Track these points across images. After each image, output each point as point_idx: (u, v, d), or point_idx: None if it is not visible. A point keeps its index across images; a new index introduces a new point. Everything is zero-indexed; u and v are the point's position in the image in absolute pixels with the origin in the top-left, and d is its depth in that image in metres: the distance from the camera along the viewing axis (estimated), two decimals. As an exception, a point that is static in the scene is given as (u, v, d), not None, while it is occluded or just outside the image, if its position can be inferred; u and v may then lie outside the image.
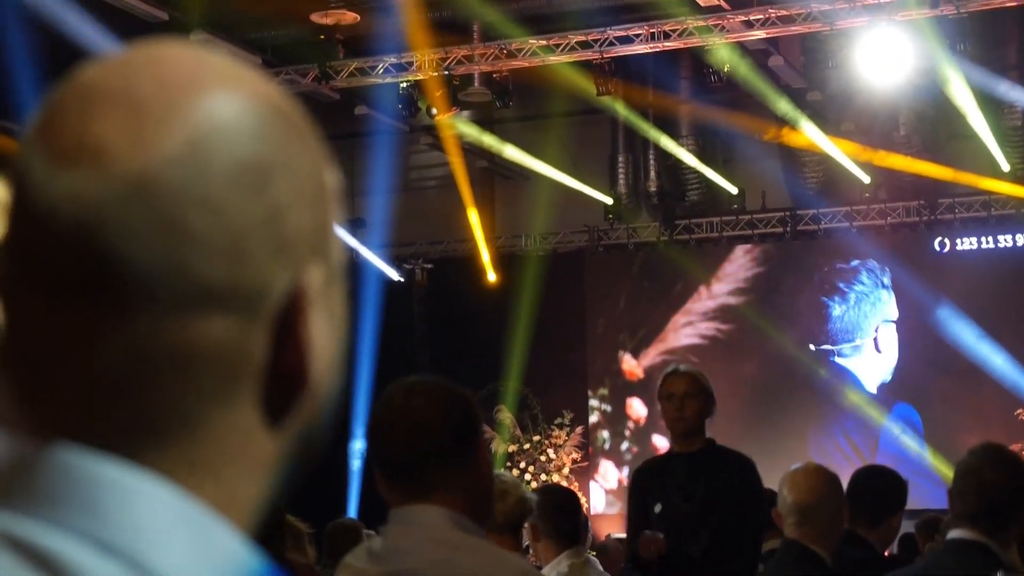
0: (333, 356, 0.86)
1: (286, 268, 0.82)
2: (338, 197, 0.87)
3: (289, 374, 0.83)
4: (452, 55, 15.06)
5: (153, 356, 0.79)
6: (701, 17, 14.13)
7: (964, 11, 13.52)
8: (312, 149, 0.86)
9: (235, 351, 0.80)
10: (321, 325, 0.84)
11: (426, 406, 2.67)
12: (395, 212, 17.91)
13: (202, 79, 0.82)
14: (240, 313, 0.80)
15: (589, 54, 14.76)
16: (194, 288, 0.79)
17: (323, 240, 0.85)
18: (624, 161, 18.54)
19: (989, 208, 17.08)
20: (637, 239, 18.78)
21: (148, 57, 0.83)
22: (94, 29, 12.84)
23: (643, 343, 18.38)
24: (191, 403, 0.80)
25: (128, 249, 0.78)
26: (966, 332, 16.53)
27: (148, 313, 0.78)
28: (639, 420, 18.35)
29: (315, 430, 0.87)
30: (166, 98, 0.80)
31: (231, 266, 0.79)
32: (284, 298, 0.82)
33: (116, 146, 0.79)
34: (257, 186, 0.81)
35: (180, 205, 0.79)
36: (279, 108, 0.84)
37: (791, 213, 18.02)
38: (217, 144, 0.80)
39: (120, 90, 0.81)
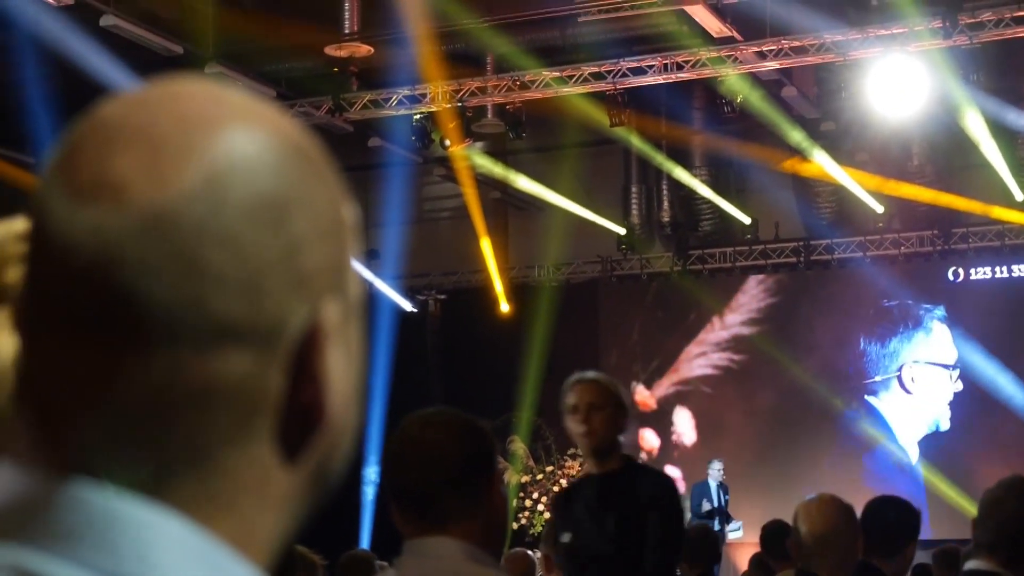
0: (351, 391, 0.86)
1: (304, 303, 0.82)
2: (356, 232, 0.88)
3: (306, 409, 0.83)
4: (465, 87, 15.11)
5: (171, 392, 0.79)
6: (714, 48, 14.16)
7: (977, 41, 13.54)
8: (330, 184, 0.86)
9: (252, 386, 0.80)
10: (338, 360, 0.84)
11: (442, 437, 2.67)
12: (408, 243, 17.94)
13: (220, 115, 0.82)
14: (258, 348, 0.80)
15: (602, 85, 14.80)
16: (212, 324, 0.79)
17: (341, 275, 0.85)
18: (637, 192, 18.57)
19: (1003, 237, 17.07)
20: (650, 269, 18.79)
21: (166, 93, 0.83)
22: (109, 63, 12.91)
23: (656, 374, 18.36)
24: (208, 438, 0.80)
25: (147, 286, 0.78)
26: (981, 362, 16.49)
27: (166, 349, 0.78)
28: (652, 451, 18.32)
29: (333, 465, 0.87)
30: (184, 134, 0.81)
31: (249, 302, 0.79)
32: (302, 333, 0.82)
33: (135, 182, 0.79)
34: (275, 222, 0.81)
35: (198, 241, 0.79)
36: (297, 143, 0.85)
37: (804, 243, 18.01)
38: (235, 180, 0.80)
39: (139, 126, 0.81)
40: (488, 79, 15.31)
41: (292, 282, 0.81)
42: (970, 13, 13.38)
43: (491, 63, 15.66)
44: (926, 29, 13.42)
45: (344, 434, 0.86)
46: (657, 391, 18.37)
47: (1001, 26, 13.46)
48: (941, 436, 16.88)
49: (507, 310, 18.59)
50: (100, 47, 13.01)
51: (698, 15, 13.50)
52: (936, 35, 13.39)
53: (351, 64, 14.80)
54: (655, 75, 14.62)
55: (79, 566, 0.76)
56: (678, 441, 18.27)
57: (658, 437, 18.27)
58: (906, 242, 17.66)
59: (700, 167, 17.84)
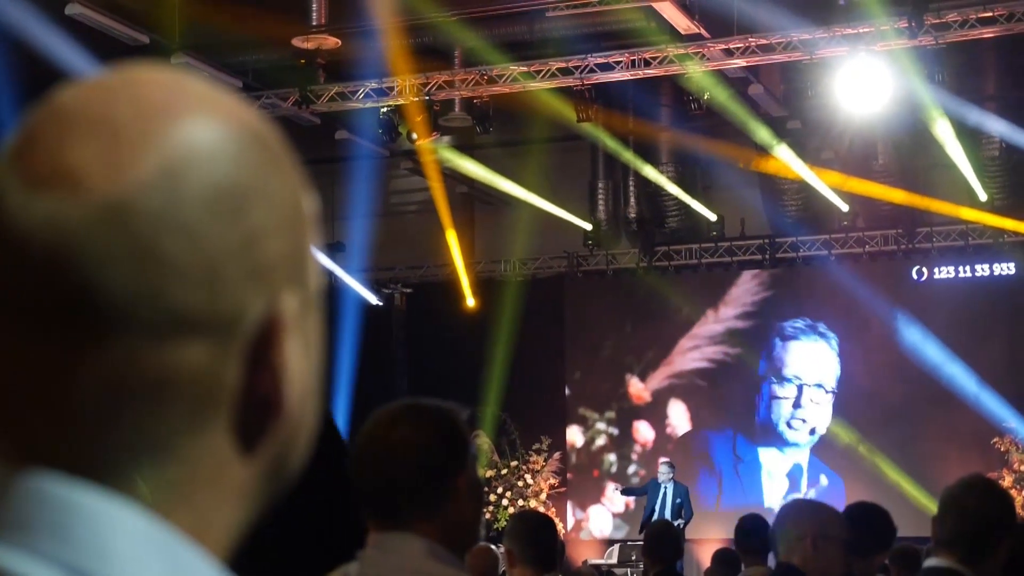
0: (309, 383, 0.86)
1: (262, 294, 0.81)
2: (315, 223, 0.87)
3: (264, 400, 0.82)
4: (433, 80, 15.09)
5: (127, 382, 0.78)
6: (681, 45, 14.18)
7: (942, 42, 13.61)
8: (289, 175, 0.85)
9: (209, 377, 0.80)
10: (297, 352, 0.84)
11: (410, 434, 2.66)
12: (375, 237, 17.92)
13: (179, 104, 0.82)
14: (215, 339, 0.80)
15: (570, 81, 14.81)
16: (169, 314, 0.78)
17: (300, 266, 0.84)
18: (604, 187, 18.59)
19: (966, 237, 17.16)
20: (616, 265, 18.82)
21: (125, 81, 0.83)
22: (75, 52, 12.83)
23: (650, 367, 18.42)
24: (165, 429, 0.80)
25: (103, 276, 0.77)
26: (944, 360, 16.58)
27: (123, 340, 0.78)
28: (646, 444, 18.38)
29: (291, 457, 0.87)
30: (143, 123, 0.80)
31: (206, 292, 0.79)
32: (259, 324, 0.81)
33: (92, 171, 0.78)
34: (233, 212, 0.80)
35: (156, 231, 0.78)
36: (257, 133, 0.84)
37: (770, 241, 18.07)
38: (194, 169, 0.80)
39: (97, 114, 0.80)
40: (456, 73, 15.30)
41: (250, 273, 0.81)
42: (936, 14, 13.45)
43: (459, 57, 15.65)
44: (892, 29, 13.49)
45: (302, 426, 0.86)
46: (651, 384, 18.42)
47: (966, 27, 13.53)
48: (901, 434, 16.96)
49: (473, 304, 18.59)
50: (66, 35, 12.93)
51: (666, 12, 13.52)
52: (902, 35, 13.46)
53: (318, 56, 14.77)
54: (622, 71, 14.63)
55: (36, 557, 0.76)
56: (672, 433, 18.32)
57: (652, 430, 18.34)
58: (871, 241, 17.74)
59: (667, 164, 17.87)
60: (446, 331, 18.21)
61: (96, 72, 0.85)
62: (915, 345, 16.77)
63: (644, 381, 18.47)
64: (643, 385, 18.47)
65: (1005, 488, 4.28)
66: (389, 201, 19.75)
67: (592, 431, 18.62)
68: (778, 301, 17.90)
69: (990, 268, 17.03)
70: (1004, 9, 13.45)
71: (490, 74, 14.99)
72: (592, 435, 18.62)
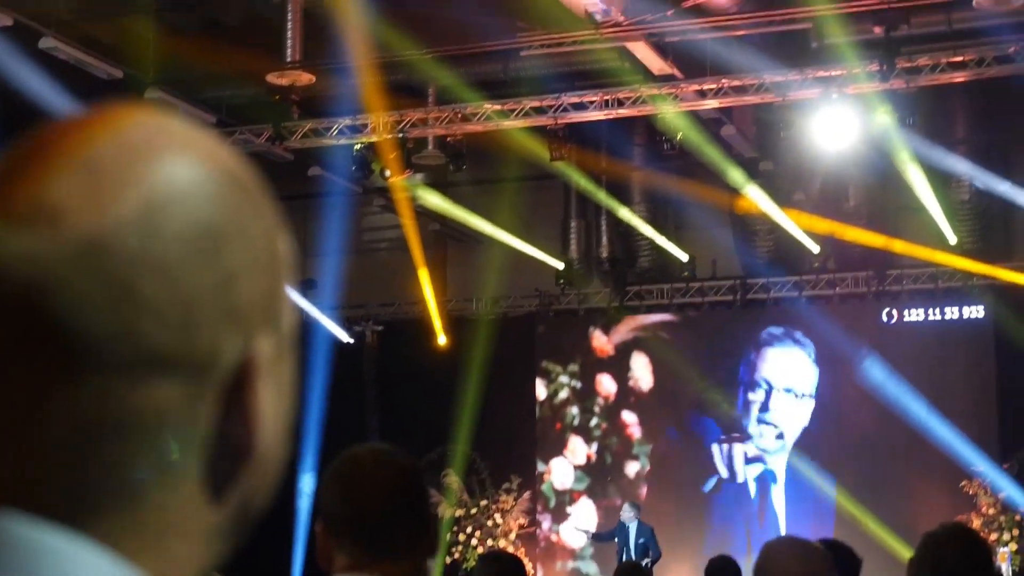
0: (281, 427, 0.86)
1: (237, 336, 0.81)
2: (291, 265, 0.87)
3: (235, 443, 0.82)
4: (407, 118, 15.12)
5: (98, 422, 0.78)
6: (655, 85, 14.25)
7: (913, 86, 13.71)
8: (267, 216, 0.85)
9: (182, 418, 0.80)
10: (270, 395, 0.84)
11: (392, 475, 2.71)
12: (347, 273, 17.90)
13: (159, 144, 0.82)
14: (189, 380, 0.79)
15: (543, 119, 14.85)
16: (143, 354, 0.78)
17: (275, 309, 0.84)
18: (576, 226, 18.63)
19: (936, 280, 17.24)
20: (588, 304, 18.83)
21: (106, 120, 0.83)
22: (48, 86, 12.81)
23: (614, 320, 18.48)
24: (135, 470, 0.79)
25: (79, 313, 0.77)
26: (912, 402, 16.62)
27: (96, 378, 0.77)
28: (608, 396, 18.42)
29: (259, 500, 0.86)
30: (122, 162, 0.80)
31: (182, 333, 0.79)
32: (234, 366, 0.81)
33: (71, 208, 0.78)
34: (210, 253, 0.80)
35: (133, 270, 0.78)
36: (235, 174, 0.84)
37: (741, 281, 18.12)
38: (172, 209, 0.80)
39: (77, 153, 0.80)
40: (429, 111, 15.33)
41: (226, 314, 0.80)
42: (907, 58, 13.55)
43: (433, 95, 15.69)
44: (864, 72, 13.58)
45: (272, 469, 0.86)
46: (614, 337, 18.47)
47: (937, 71, 13.65)
48: (870, 475, 16.98)
49: (444, 342, 18.57)
50: (39, 69, 12.91)
51: (640, 52, 13.59)
52: (873, 78, 13.56)
53: (292, 92, 14.77)
54: (596, 111, 14.69)
55: (2, 598, 0.75)
56: (635, 387, 18.35)
57: (615, 383, 18.38)
58: (841, 283, 17.80)
59: (639, 203, 17.93)
60: (417, 369, 18.18)
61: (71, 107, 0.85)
62: (885, 387, 16.80)
63: (608, 334, 18.52)
64: (607, 339, 18.51)
65: (984, 539, 4.26)
66: (361, 238, 19.74)
67: (555, 384, 18.68)
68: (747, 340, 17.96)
69: (960, 311, 17.11)
70: (974, 54, 13.57)
71: (464, 112, 15.03)
72: (555, 388, 18.68)
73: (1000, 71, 13.61)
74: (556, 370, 18.70)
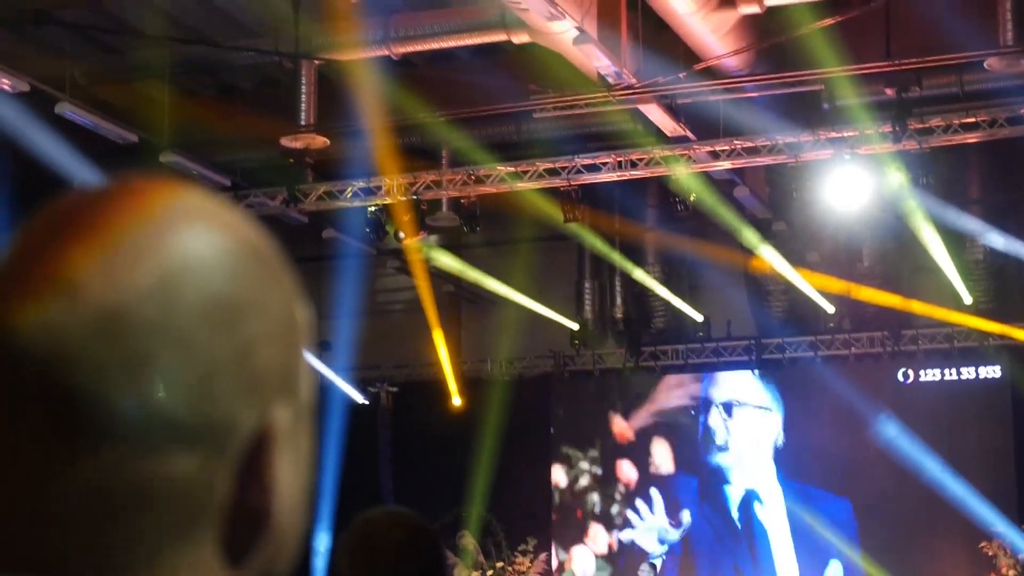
0: (299, 496, 0.85)
1: (254, 406, 0.81)
2: (309, 334, 0.87)
3: (253, 513, 0.82)
4: (420, 180, 15.16)
5: (116, 492, 0.78)
6: (668, 147, 14.28)
7: (926, 146, 13.73)
8: (284, 286, 0.85)
9: (199, 489, 0.79)
10: (287, 464, 0.83)
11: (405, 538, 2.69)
12: (361, 335, 17.89)
13: (176, 215, 0.82)
14: (206, 451, 0.79)
15: (557, 181, 14.88)
16: (160, 425, 0.78)
17: (293, 378, 0.84)
18: (590, 287, 18.62)
19: (952, 340, 17.18)
20: (603, 365, 18.79)
21: (124, 190, 0.83)
22: (64, 151, 12.88)
23: (634, 405, 18.34)
24: (152, 540, 0.79)
25: (96, 384, 0.77)
26: (930, 463, 16.53)
27: (113, 449, 0.77)
28: (629, 483, 18.25)
29: (278, 569, 0.86)
30: (140, 233, 0.80)
31: (199, 404, 0.79)
32: (251, 437, 0.81)
33: (89, 280, 0.78)
34: (228, 324, 0.80)
35: (150, 341, 0.78)
36: (252, 244, 0.84)
37: (756, 342, 18.07)
38: (190, 280, 0.80)
39: (94, 223, 0.80)
40: (443, 173, 15.37)
41: (243, 385, 0.80)
42: (919, 119, 13.58)
43: (446, 157, 15.74)
44: (876, 133, 13.61)
45: (290, 539, 0.85)
46: (634, 422, 18.32)
47: (949, 132, 13.66)
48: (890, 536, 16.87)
49: (459, 404, 18.53)
50: (54, 135, 12.99)
51: (652, 114, 13.63)
52: (886, 139, 13.58)
53: (306, 155, 14.83)
54: (609, 172, 14.72)
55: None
56: (656, 472, 18.19)
57: (635, 469, 18.22)
58: (856, 343, 17.75)
59: (653, 264, 17.93)
60: (432, 430, 18.14)
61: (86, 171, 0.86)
62: (902, 447, 16.71)
63: (627, 419, 18.39)
64: (627, 424, 18.38)
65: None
66: (376, 300, 19.76)
67: (576, 470, 18.51)
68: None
69: (976, 371, 17.04)
70: (986, 115, 13.59)
71: (477, 174, 15.07)
72: (575, 474, 18.51)
73: (1012, 131, 13.63)
74: (576, 456, 18.55)
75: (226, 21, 14.21)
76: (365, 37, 13.30)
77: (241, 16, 14.08)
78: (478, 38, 13.45)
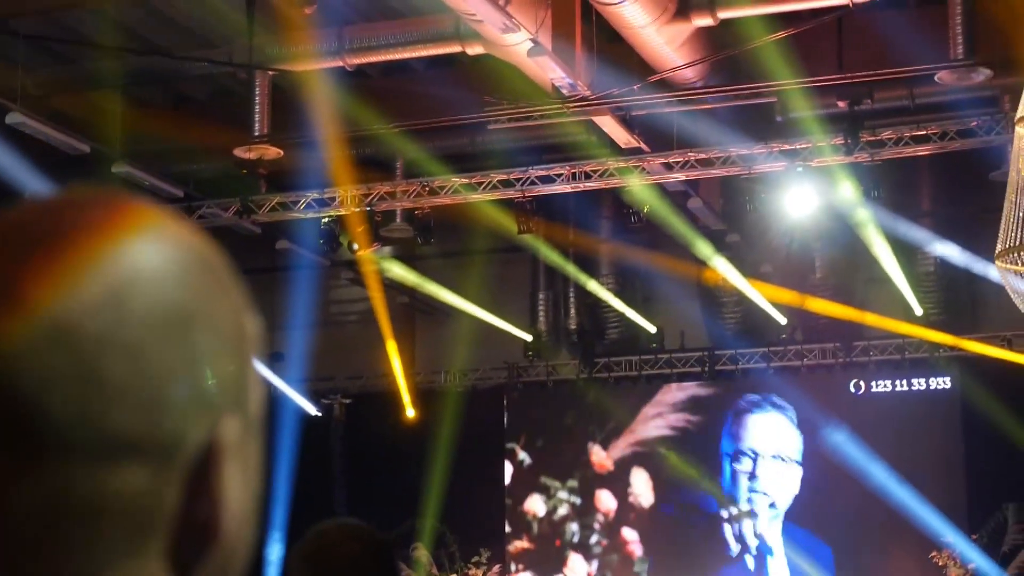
0: (247, 509, 0.85)
1: (203, 419, 0.81)
2: (258, 346, 0.87)
3: (201, 526, 0.81)
4: (374, 191, 15.14)
5: (63, 506, 0.77)
6: (622, 159, 14.33)
7: (878, 159, 13.83)
8: (234, 298, 0.85)
9: (147, 502, 0.79)
10: (236, 477, 0.83)
11: (358, 550, 2.68)
12: (314, 347, 17.84)
13: (126, 226, 0.82)
14: (155, 463, 0.79)
15: (511, 192, 14.90)
16: (110, 438, 0.77)
17: (241, 390, 0.84)
18: (544, 299, 18.65)
19: (903, 351, 17.30)
20: (556, 376, 18.81)
21: (72, 202, 0.83)
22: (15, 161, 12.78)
23: (612, 434, 18.27)
24: (99, 555, 0.78)
25: (44, 397, 0.76)
26: (880, 473, 16.61)
27: (61, 463, 0.77)
28: (608, 513, 18.21)
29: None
30: (89, 245, 0.80)
31: (148, 416, 0.78)
32: (200, 450, 0.81)
33: (37, 292, 0.78)
34: (177, 336, 0.80)
35: (100, 353, 0.77)
36: (201, 256, 0.84)
37: (709, 353, 18.14)
38: (138, 292, 0.80)
39: (42, 235, 0.80)
40: (397, 184, 15.36)
41: (192, 397, 0.80)
42: (871, 131, 13.68)
43: (400, 168, 15.74)
44: (828, 145, 13.70)
45: (239, 551, 0.85)
46: (613, 452, 18.26)
47: (901, 144, 13.77)
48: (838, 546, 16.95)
49: (412, 415, 18.50)
50: (5, 145, 12.89)
51: (606, 126, 13.67)
52: (838, 151, 13.67)
53: (260, 166, 14.79)
54: (563, 183, 14.75)
55: None
56: (635, 503, 18.14)
57: (615, 499, 18.17)
58: (809, 354, 17.84)
59: (607, 275, 17.97)
60: (386, 441, 18.10)
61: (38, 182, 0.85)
62: (852, 457, 16.79)
63: (606, 449, 18.32)
64: (605, 454, 18.32)
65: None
66: (329, 311, 19.71)
67: (554, 500, 18.43)
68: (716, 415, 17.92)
69: (927, 382, 17.14)
70: (937, 128, 13.70)
71: (432, 185, 15.07)
72: (554, 504, 18.43)
73: (963, 144, 13.74)
74: (555, 485, 18.49)
75: (180, 32, 14.16)
76: (319, 48, 13.29)
77: (195, 27, 14.03)
78: (433, 49, 13.46)
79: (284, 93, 14.18)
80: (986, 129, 13.52)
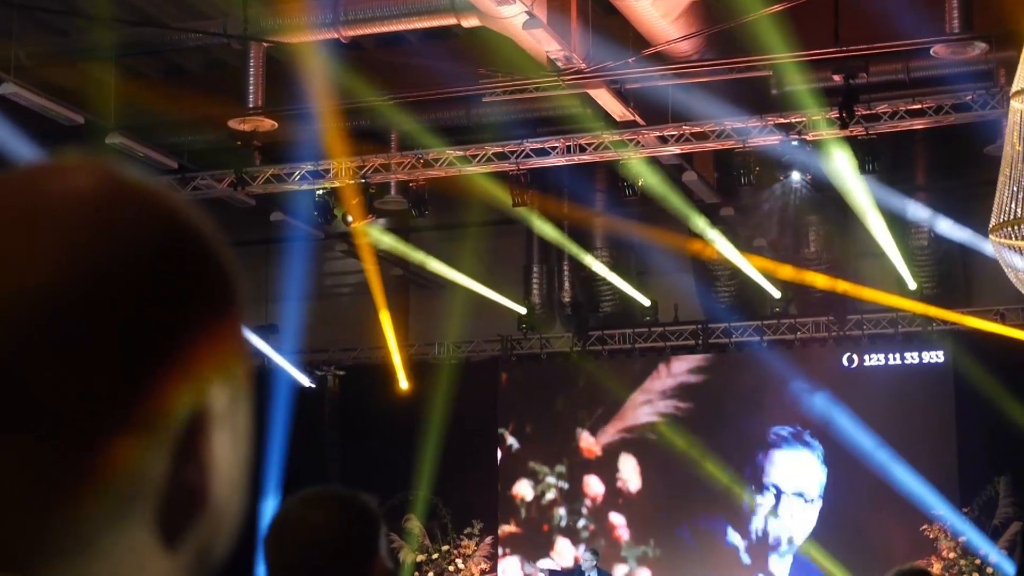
0: (236, 476, 0.85)
1: (191, 387, 0.81)
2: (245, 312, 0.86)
3: (189, 494, 0.81)
4: (369, 163, 15.12)
5: (52, 477, 0.77)
6: (616, 132, 14.31)
7: (873, 132, 13.82)
8: (220, 265, 0.85)
9: (135, 471, 0.79)
10: (224, 444, 0.83)
11: (322, 520, 2.64)
12: (308, 318, 17.85)
13: (109, 194, 0.81)
14: (142, 433, 0.79)
15: (506, 165, 14.88)
16: (95, 409, 0.77)
17: (229, 358, 0.84)
18: (538, 272, 18.64)
19: (896, 325, 17.32)
20: (550, 349, 18.82)
21: (53, 170, 0.82)
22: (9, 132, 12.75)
23: (601, 420, 18.30)
24: (88, 524, 0.78)
25: (28, 371, 0.76)
26: (874, 447, 16.65)
27: (47, 435, 0.77)
28: (596, 498, 18.24)
29: (215, 550, 0.85)
30: (70, 213, 0.79)
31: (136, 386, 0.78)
32: (188, 418, 0.81)
33: (17, 262, 0.78)
34: (163, 304, 0.80)
35: (83, 323, 0.77)
36: (188, 224, 0.83)
37: (703, 326, 18.15)
38: (123, 262, 0.79)
39: (22, 205, 0.79)
40: (392, 156, 15.34)
41: (180, 366, 0.80)
42: (866, 105, 13.67)
43: (395, 140, 15.71)
44: (823, 119, 13.69)
45: (227, 519, 0.85)
46: (602, 438, 18.29)
47: (896, 118, 13.77)
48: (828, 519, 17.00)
49: (406, 387, 18.51)
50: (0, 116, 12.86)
51: (602, 99, 13.65)
52: (833, 125, 13.66)
53: (254, 138, 14.77)
54: (558, 156, 14.73)
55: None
56: (623, 488, 18.17)
57: (602, 484, 18.20)
58: (802, 327, 17.85)
59: (601, 249, 17.96)
60: (379, 414, 18.11)
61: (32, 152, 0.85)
62: (845, 431, 16.82)
63: (595, 436, 18.34)
64: (594, 439, 18.34)
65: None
66: (323, 283, 19.70)
67: (543, 485, 18.46)
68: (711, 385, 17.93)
69: (919, 356, 17.17)
70: (932, 102, 13.70)
71: (426, 158, 15.05)
72: (542, 489, 18.46)
73: (958, 118, 13.74)
74: (543, 471, 18.49)
75: (174, 2, 14.13)
76: (314, 19, 13.25)
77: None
78: (428, 21, 13.42)
79: (279, 65, 14.14)
80: (981, 103, 13.51)
